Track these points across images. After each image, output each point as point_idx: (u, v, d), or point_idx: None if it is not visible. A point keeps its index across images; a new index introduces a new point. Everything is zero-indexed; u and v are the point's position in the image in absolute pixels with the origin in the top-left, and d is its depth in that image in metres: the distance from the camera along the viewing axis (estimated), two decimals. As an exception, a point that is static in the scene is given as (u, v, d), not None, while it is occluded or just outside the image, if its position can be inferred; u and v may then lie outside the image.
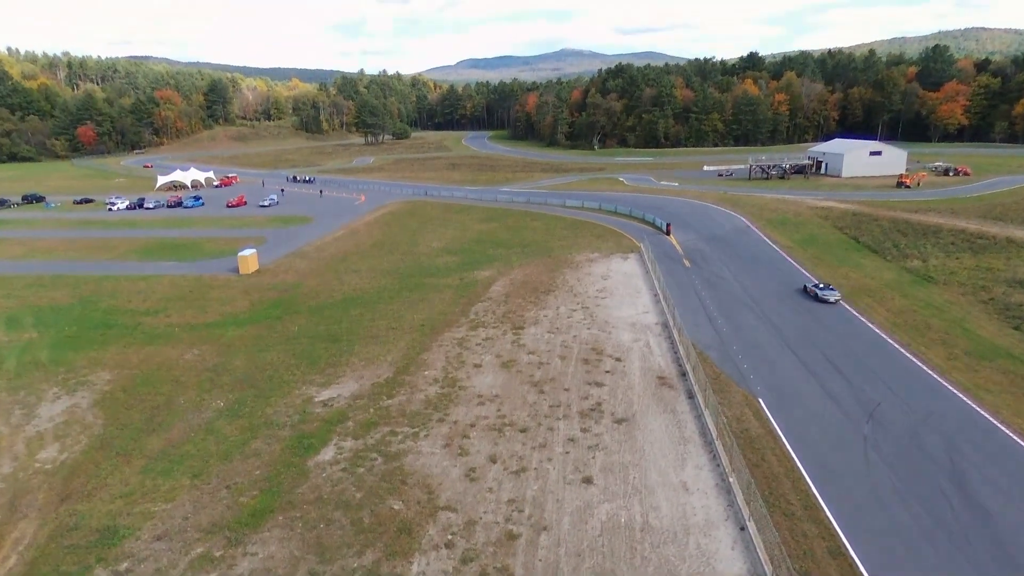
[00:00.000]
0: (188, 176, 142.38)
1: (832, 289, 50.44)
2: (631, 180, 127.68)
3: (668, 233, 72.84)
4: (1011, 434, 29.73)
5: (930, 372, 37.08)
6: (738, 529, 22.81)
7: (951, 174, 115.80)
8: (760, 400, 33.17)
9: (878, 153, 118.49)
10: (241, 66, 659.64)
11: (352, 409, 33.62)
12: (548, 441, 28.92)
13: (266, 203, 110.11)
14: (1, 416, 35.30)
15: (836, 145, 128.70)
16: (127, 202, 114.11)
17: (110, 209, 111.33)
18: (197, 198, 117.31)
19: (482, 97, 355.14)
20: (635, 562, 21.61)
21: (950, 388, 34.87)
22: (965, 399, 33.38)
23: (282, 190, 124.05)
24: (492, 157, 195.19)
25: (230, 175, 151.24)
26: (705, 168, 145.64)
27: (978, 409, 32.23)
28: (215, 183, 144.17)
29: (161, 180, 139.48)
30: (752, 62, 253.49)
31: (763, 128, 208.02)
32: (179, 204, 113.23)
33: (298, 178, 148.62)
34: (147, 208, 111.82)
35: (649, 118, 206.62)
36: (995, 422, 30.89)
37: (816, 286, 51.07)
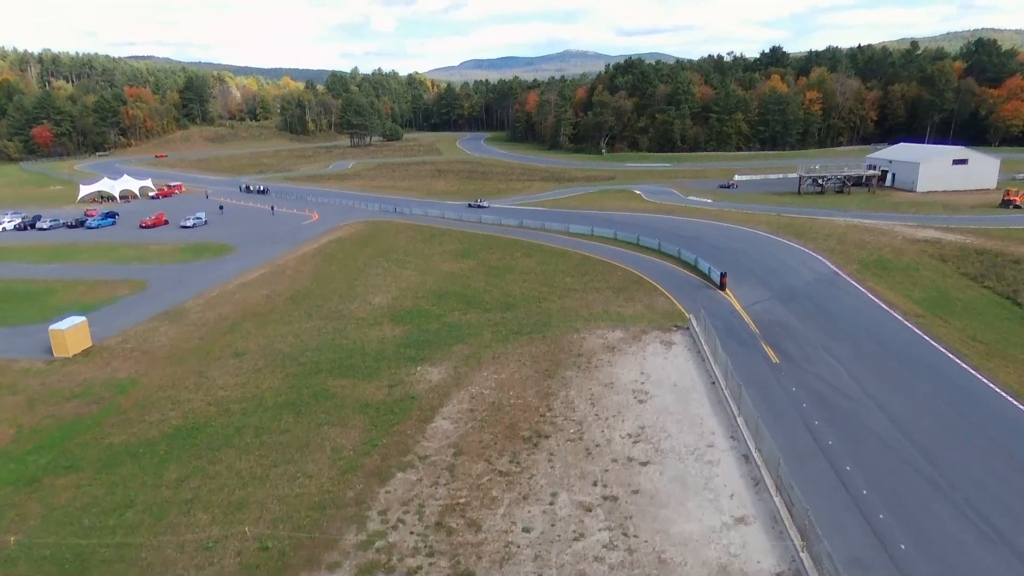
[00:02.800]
0: (119, 185, 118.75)
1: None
2: (650, 193, 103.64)
3: (723, 287, 48.68)
4: None
5: None
6: None
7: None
8: None
9: (963, 161, 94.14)
10: (243, 66, 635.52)
11: None
12: None
13: (190, 223, 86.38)
14: None
15: (906, 151, 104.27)
16: (17, 220, 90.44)
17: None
18: (110, 215, 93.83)
19: (480, 96, 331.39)
20: None
21: None
22: None
23: (220, 206, 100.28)
24: (485, 162, 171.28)
25: (172, 184, 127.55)
26: (736, 178, 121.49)
27: None
28: (152, 193, 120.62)
29: (84, 190, 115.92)
30: (775, 57, 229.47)
31: (793, 130, 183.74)
32: (81, 224, 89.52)
33: (251, 188, 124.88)
34: (40, 229, 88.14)
35: (664, 118, 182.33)
36: None
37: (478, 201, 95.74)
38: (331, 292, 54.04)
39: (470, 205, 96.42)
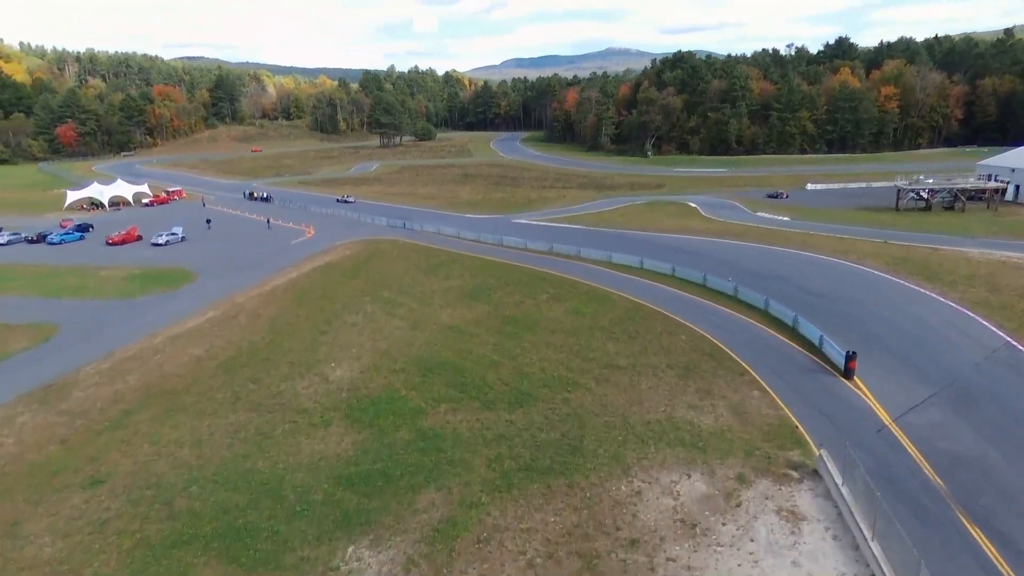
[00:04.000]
0: (110, 191, 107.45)
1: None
2: (709, 207, 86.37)
3: (849, 374, 31.85)
4: None
5: None
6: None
7: None
8: None
9: (1114, 171, 74.38)
10: (287, 66, 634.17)
11: None
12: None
13: (162, 240, 73.68)
14: None
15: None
16: (-30, 235, 79.08)
17: (-64, 247, 76.30)
18: (81, 228, 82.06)
19: (518, 95, 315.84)
20: None
21: None
22: None
23: (208, 220, 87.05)
24: (518, 166, 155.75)
25: (171, 189, 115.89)
26: (809, 187, 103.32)
27: None
28: (146, 200, 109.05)
29: (71, 197, 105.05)
30: (842, 49, 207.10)
31: (866, 130, 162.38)
32: (44, 238, 77.58)
33: (255, 195, 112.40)
34: (-2, 245, 76.58)
35: (717, 117, 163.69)
36: None
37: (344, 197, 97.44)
38: (283, 354, 39.30)
39: (338, 200, 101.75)
